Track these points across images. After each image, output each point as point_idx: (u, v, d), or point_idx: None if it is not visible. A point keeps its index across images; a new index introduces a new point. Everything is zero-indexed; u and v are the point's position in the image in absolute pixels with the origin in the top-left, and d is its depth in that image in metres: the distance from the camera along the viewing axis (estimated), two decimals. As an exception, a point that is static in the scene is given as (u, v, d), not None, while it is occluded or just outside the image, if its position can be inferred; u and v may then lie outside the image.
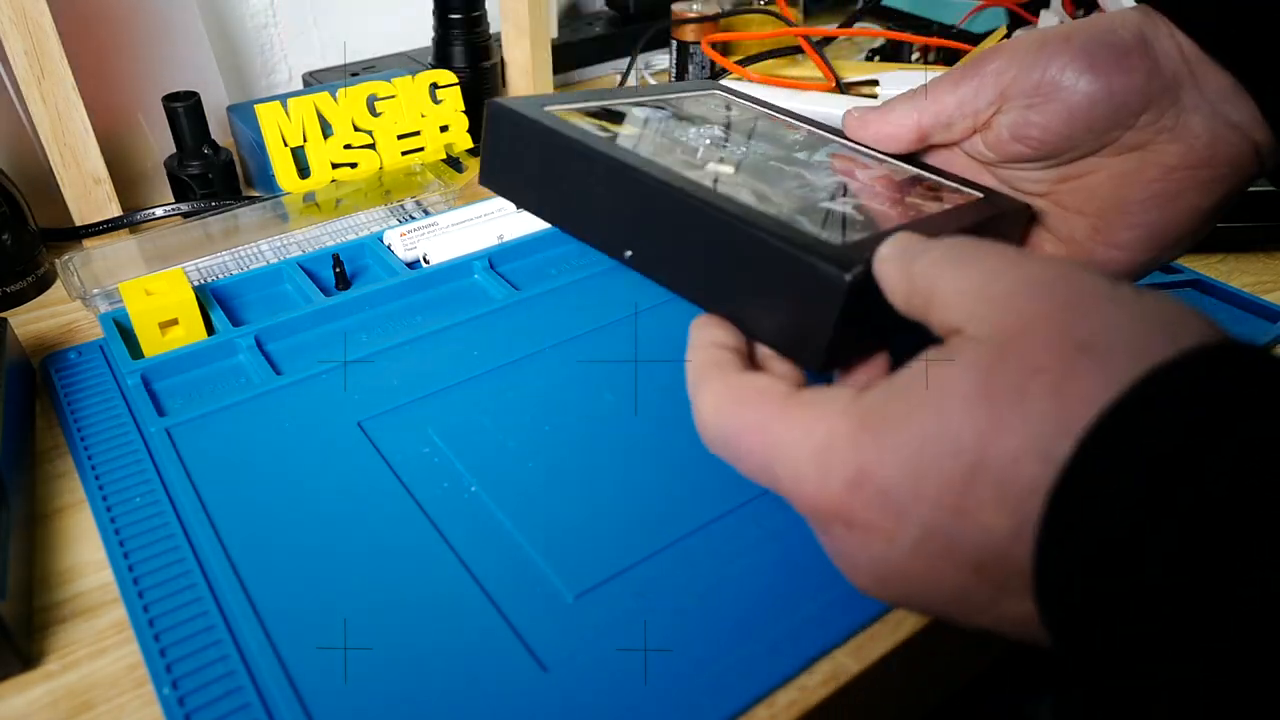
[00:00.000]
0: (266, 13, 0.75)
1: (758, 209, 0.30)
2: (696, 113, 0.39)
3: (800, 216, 0.30)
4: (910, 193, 0.35)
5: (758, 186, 0.33)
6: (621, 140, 0.34)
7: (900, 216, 0.33)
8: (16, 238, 0.51)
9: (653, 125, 0.37)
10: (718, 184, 0.32)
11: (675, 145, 0.35)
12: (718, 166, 0.34)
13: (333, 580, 0.33)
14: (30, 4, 0.49)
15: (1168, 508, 0.18)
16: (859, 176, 0.36)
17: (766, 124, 0.40)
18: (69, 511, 0.38)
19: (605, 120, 0.36)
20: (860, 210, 0.33)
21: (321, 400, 0.42)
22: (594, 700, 0.29)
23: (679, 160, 0.33)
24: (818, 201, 0.33)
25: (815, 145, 0.38)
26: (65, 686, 0.31)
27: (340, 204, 0.59)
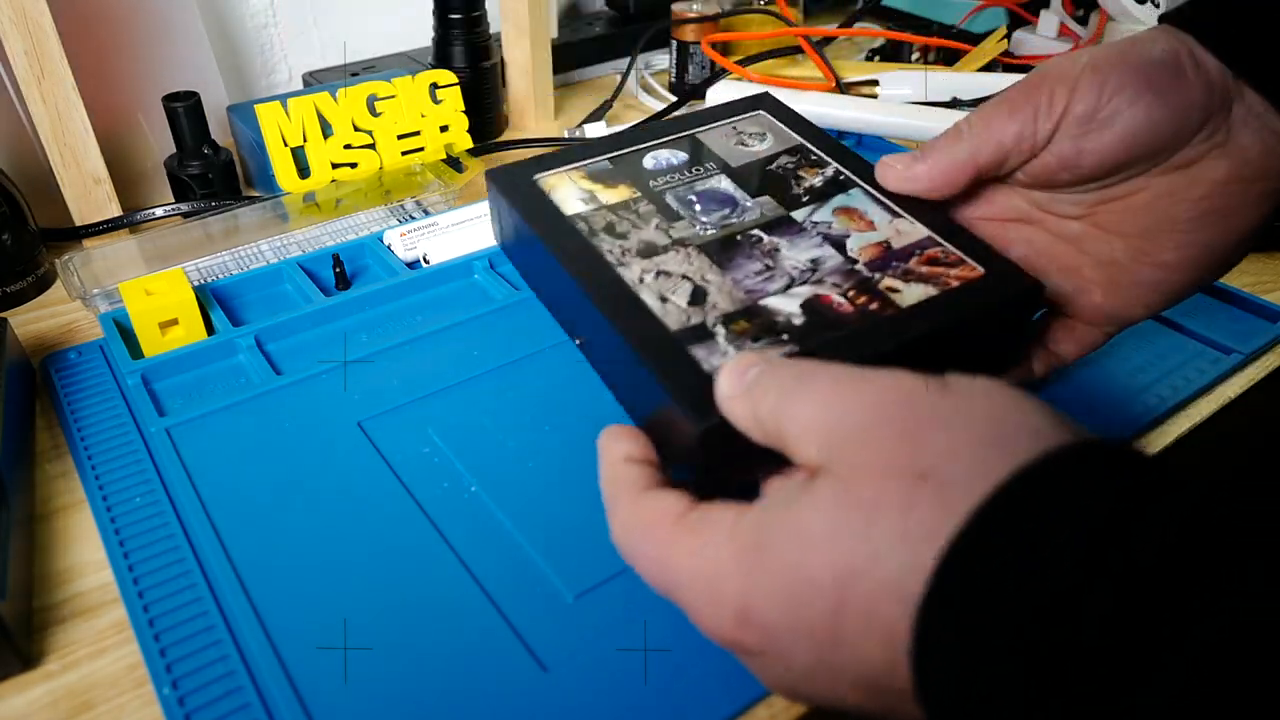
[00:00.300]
0: (266, 13, 0.75)
1: (653, 324, 0.32)
2: (716, 151, 0.40)
3: (720, 329, 0.32)
4: (897, 269, 0.34)
5: (706, 276, 0.34)
6: (592, 216, 0.36)
7: (856, 313, 0.32)
8: (16, 238, 0.51)
9: (645, 187, 0.38)
10: (644, 282, 0.34)
11: (653, 217, 0.37)
12: (669, 255, 0.35)
13: (333, 580, 0.33)
14: (30, 4, 0.49)
15: (1017, 634, 0.19)
16: (850, 247, 0.35)
17: (782, 167, 0.39)
18: (69, 511, 0.38)
19: (600, 183, 0.38)
20: (810, 307, 0.32)
21: (321, 400, 0.42)
22: (594, 700, 0.29)
23: (641, 241, 0.35)
24: (764, 296, 0.33)
25: (827, 194, 0.38)
26: (65, 686, 0.31)
27: (340, 204, 0.59)
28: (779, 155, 0.40)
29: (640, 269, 0.34)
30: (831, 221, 0.36)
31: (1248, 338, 0.45)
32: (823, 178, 0.39)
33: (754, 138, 0.41)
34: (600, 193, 0.38)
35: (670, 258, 0.35)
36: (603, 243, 0.35)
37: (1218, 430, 0.43)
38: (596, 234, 0.36)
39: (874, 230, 0.36)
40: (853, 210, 0.37)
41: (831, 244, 0.35)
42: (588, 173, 0.39)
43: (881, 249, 0.35)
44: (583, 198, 0.37)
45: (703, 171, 0.39)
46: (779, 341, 0.31)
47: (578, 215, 0.36)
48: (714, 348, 0.31)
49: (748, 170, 0.39)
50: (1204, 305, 0.49)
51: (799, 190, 0.38)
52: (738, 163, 0.39)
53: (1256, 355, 0.45)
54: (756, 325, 0.32)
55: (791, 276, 0.34)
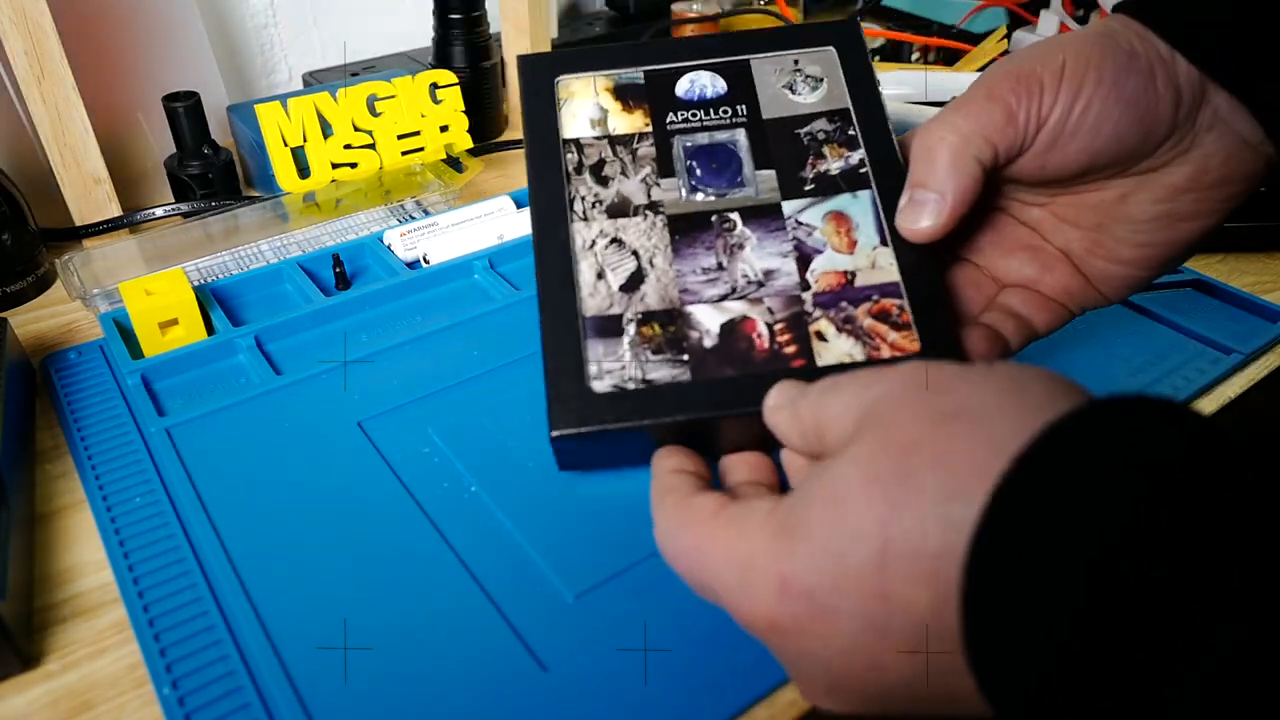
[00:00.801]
0: (266, 13, 0.75)
1: (570, 303, 0.32)
2: (758, 90, 0.36)
3: (631, 328, 0.32)
4: (841, 311, 0.32)
5: (654, 260, 0.33)
6: (589, 147, 0.35)
7: (765, 355, 0.32)
8: (16, 238, 0.51)
9: (660, 122, 0.36)
10: (593, 248, 0.34)
11: (646, 165, 0.35)
12: (635, 220, 0.34)
13: (333, 580, 0.33)
14: (30, 4, 0.49)
15: (1088, 558, 0.19)
16: (813, 268, 0.33)
17: (810, 136, 0.36)
18: (69, 511, 0.38)
19: (620, 101, 0.36)
20: (728, 331, 0.32)
21: (321, 400, 0.42)
22: (594, 700, 0.29)
23: (618, 195, 0.35)
24: (695, 302, 0.33)
25: (832, 189, 0.35)
26: (65, 686, 0.31)
27: (340, 204, 0.59)
28: (817, 118, 0.36)
29: (598, 230, 0.34)
30: (816, 227, 0.34)
31: (1248, 338, 0.45)
32: (843, 164, 0.35)
33: (807, 83, 0.37)
34: (613, 115, 0.36)
35: (634, 225, 0.34)
36: (579, 188, 0.35)
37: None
38: (581, 172, 0.35)
39: (849, 254, 0.34)
40: (844, 221, 0.34)
41: (798, 257, 0.34)
42: (615, 84, 0.36)
43: (842, 280, 0.33)
44: (594, 117, 0.36)
45: (727, 117, 0.36)
46: (673, 363, 0.32)
47: (574, 141, 0.35)
48: (613, 349, 0.32)
49: (773, 130, 0.36)
50: (1204, 305, 0.49)
51: (809, 173, 0.35)
52: (770, 113, 0.36)
53: (1256, 355, 0.45)
54: (666, 335, 0.32)
55: (734, 286, 0.33)
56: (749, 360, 0.32)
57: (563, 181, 0.35)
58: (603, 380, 0.32)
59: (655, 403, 0.32)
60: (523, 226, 0.54)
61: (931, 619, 0.21)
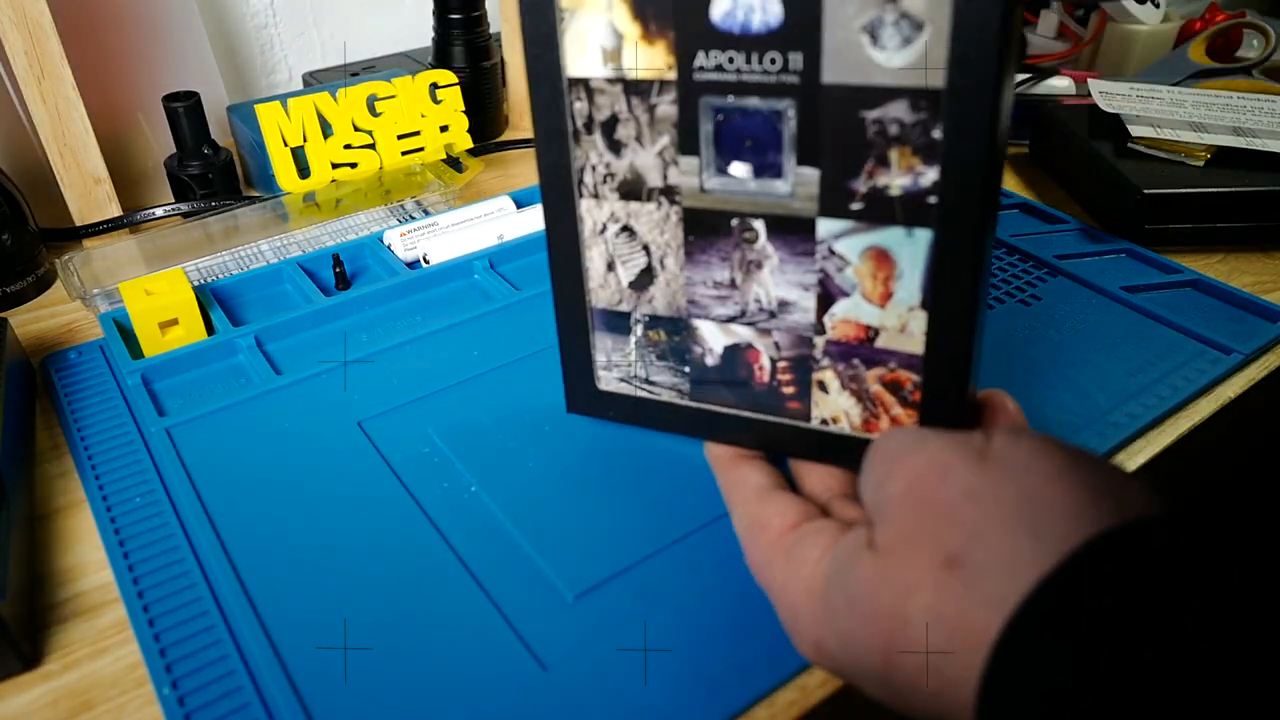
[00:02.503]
0: (266, 13, 0.75)
1: (579, 291, 0.32)
2: (825, 32, 0.26)
3: (639, 329, 0.31)
4: (851, 367, 0.30)
5: (666, 261, 0.30)
6: (601, 93, 0.29)
7: (764, 388, 0.30)
8: (16, 238, 0.51)
9: (687, 64, 0.28)
10: (604, 233, 0.30)
11: (666, 133, 0.29)
12: (649, 207, 0.30)
13: (333, 580, 0.33)
14: (30, 4, 0.49)
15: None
16: (832, 311, 0.29)
17: (879, 125, 0.26)
18: (69, 511, 0.38)
19: (642, 22, 0.28)
20: (731, 356, 0.30)
21: (321, 400, 0.42)
22: (594, 700, 0.29)
23: (631, 169, 0.29)
24: (703, 317, 0.30)
25: (884, 219, 0.27)
26: (65, 686, 0.31)
27: (340, 204, 0.59)
28: (897, 97, 0.25)
29: (609, 213, 0.30)
30: (851, 263, 0.28)
31: (1248, 338, 0.45)
32: (909, 182, 0.26)
33: (896, 32, 0.25)
34: (630, 45, 0.28)
35: (646, 214, 0.30)
36: (589, 153, 0.30)
37: (1218, 430, 0.43)
38: (592, 130, 0.29)
39: (879, 307, 0.28)
40: (886, 263, 0.28)
41: (820, 294, 0.29)
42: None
43: (861, 335, 0.29)
44: (606, 45, 0.28)
45: (775, 70, 0.26)
46: (675, 371, 0.32)
47: (583, 83, 0.29)
48: (621, 345, 0.32)
49: (832, 103, 0.26)
50: (1204, 305, 0.49)
51: (861, 184, 0.27)
52: (834, 75, 0.26)
53: (1256, 355, 0.45)
54: (671, 344, 0.31)
55: (744, 310, 0.30)
56: (747, 389, 0.31)
57: (569, 143, 0.30)
58: (611, 372, 0.33)
59: (655, 413, 0.33)
60: (523, 226, 0.54)
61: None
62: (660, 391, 0.33)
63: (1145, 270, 0.52)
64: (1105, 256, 0.53)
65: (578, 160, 0.30)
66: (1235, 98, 0.59)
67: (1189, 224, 0.53)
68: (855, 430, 0.31)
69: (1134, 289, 0.49)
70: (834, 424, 0.31)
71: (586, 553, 0.34)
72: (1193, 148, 0.55)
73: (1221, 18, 0.73)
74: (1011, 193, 0.60)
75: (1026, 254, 0.53)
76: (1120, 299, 0.48)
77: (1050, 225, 0.57)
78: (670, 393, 0.33)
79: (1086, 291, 0.50)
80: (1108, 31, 0.74)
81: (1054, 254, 0.53)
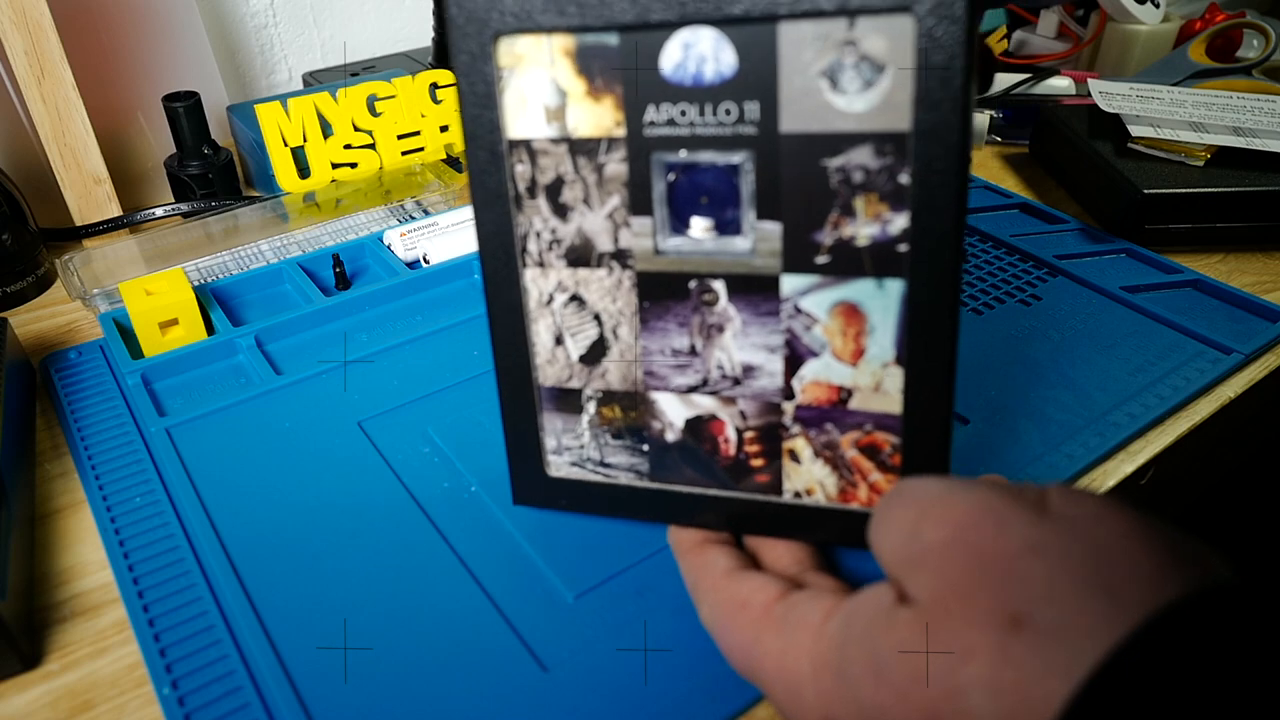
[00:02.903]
0: (266, 13, 0.75)
1: (525, 368, 0.29)
2: (781, 82, 0.25)
3: (591, 406, 0.28)
4: (824, 433, 0.27)
5: (619, 330, 0.28)
6: (544, 154, 0.27)
7: (728, 464, 0.28)
8: (16, 238, 0.51)
9: (637, 117, 0.26)
10: (551, 304, 0.28)
11: (616, 193, 0.27)
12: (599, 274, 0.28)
13: (333, 580, 0.33)
14: (30, 4, 0.49)
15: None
16: (801, 374, 0.27)
17: (843, 174, 0.25)
18: (69, 511, 0.38)
19: (585, 78, 0.26)
20: (693, 430, 0.28)
21: (321, 400, 0.42)
22: (594, 700, 0.29)
23: (579, 234, 0.27)
24: (662, 389, 0.28)
25: (851, 271, 0.26)
26: (65, 686, 0.31)
27: (340, 204, 0.59)
28: (859, 143, 0.24)
29: (556, 282, 0.28)
30: (818, 320, 0.26)
31: (1248, 338, 0.45)
32: (877, 231, 0.25)
33: (857, 75, 0.24)
34: (575, 102, 0.26)
35: (597, 281, 0.28)
36: (532, 219, 0.28)
37: (1218, 430, 0.43)
38: (535, 195, 0.27)
39: (850, 366, 0.27)
40: (856, 318, 0.26)
41: (787, 355, 0.27)
42: (579, 47, 0.26)
43: (833, 397, 0.27)
44: (550, 104, 0.26)
45: (730, 121, 0.25)
46: (632, 451, 0.29)
47: (524, 144, 0.27)
48: (572, 426, 0.29)
49: (792, 153, 0.25)
50: (1204, 305, 0.49)
51: (826, 237, 0.26)
52: (792, 123, 0.25)
53: (1256, 355, 0.45)
54: (627, 421, 0.29)
55: (706, 378, 0.28)
56: (711, 466, 0.29)
57: (510, 209, 0.28)
58: (561, 456, 0.30)
59: (612, 498, 0.31)
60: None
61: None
62: (617, 474, 0.31)
63: (1145, 270, 0.52)
64: (1105, 256, 0.53)
65: (520, 227, 0.28)
66: (1235, 98, 0.59)
67: (1189, 224, 0.53)
68: (831, 501, 0.28)
69: (1134, 289, 0.50)
70: (808, 496, 0.29)
71: (586, 553, 0.34)
72: (1193, 148, 0.55)
73: (1221, 18, 0.73)
74: (1011, 193, 0.60)
75: (1026, 254, 0.53)
76: (1120, 299, 0.48)
77: (1050, 225, 0.57)
78: (628, 475, 0.31)
79: (1086, 291, 0.50)
80: (1108, 31, 0.74)
81: (1054, 254, 0.53)
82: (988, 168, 0.66)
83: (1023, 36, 0.81)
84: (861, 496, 0.27)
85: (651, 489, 0.30)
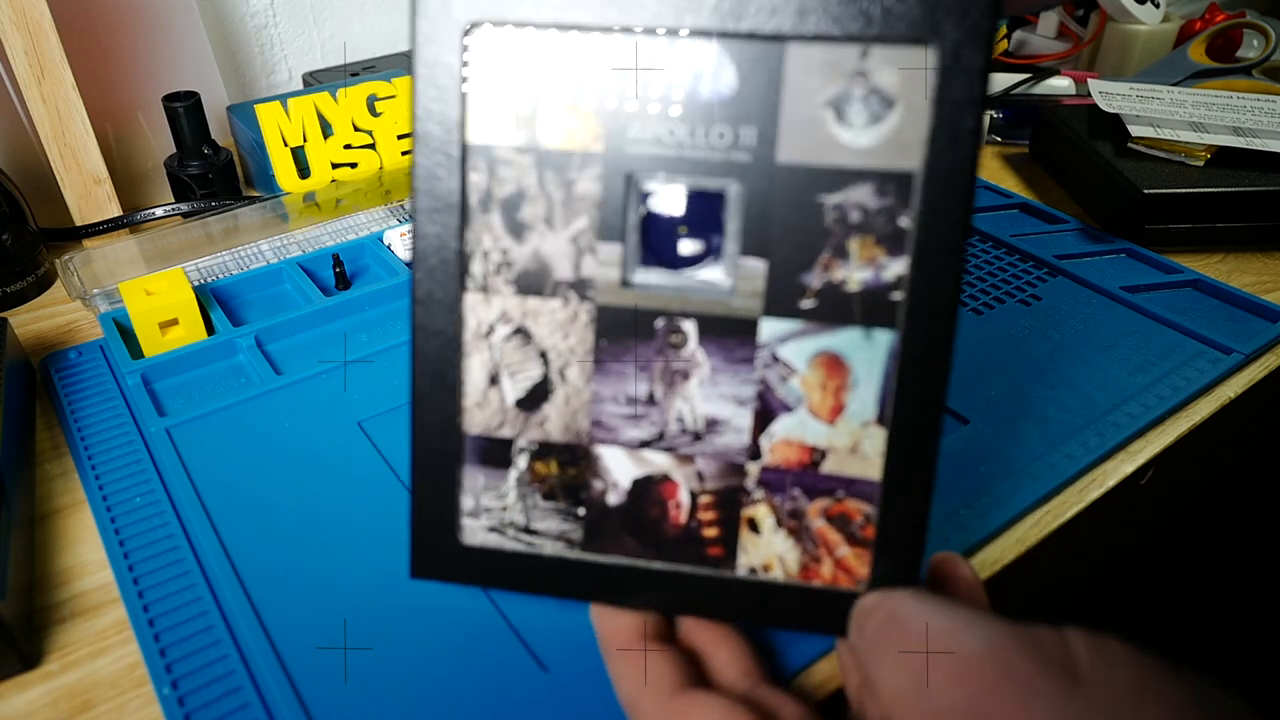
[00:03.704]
0: (266, 13, 0.75)
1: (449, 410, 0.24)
2: (784, 106, 0.23)
3: (522, 460, 0.24)
4: (789, 500, 0.25)
5: (567, 372, 0.25)
6: (505, 164, 0.24)
7: (677, 535, 0.25)
8: (16, 238, 0.51)
9: (618, 129, 0.24)
10: (489, 336, 0.24)
11: (584, 213, 0.24)
12: (553, 305, 0.24)
13: (333, 580, 0.33)
14: (30, 4, 0.49)
15: None
16: (771, 431, 0.25)
17: (839, 211, 0.23)
18: (69, 511, 0.38)
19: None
20: (639, 492, 0.25)
21: (321, 400, 0.42)
22: (594, 700, 0.29)
23: (534, 258, 0.24)
24: (608, 442, 0.25)
25: (838, 319, 0.24)
26: (65, 686, 0.31)
27: (340, 204, 0.59)
28: (862, 180, 0.23)
29: (500, 311, 0.25)
30: (797, 371, 0.24)
31: (1248, 338, 0.45)
32: (870, 276, 0.23)
33: (865, 108, 0.23)
34: (551, 109, 0.24)
35: (548, 312, 0.24)
36: (482, 235, 0.24)
37: (1218, 430, 0.43)
38: (489, 208, 0.24)
39: (827, 424, 0.24)
40: (838, 371, 0.24)
41: (758, 409, 0.25)
42: (562, 47, 0.23)
43: (805, 458, 0.25)
44: (521, 110, 0.24)
45: (724, 144, 0.23)
46: (565, 515, 0.25)
47: (484, 151, 0.24)
48: (496, 483, 0.25)
49: (788, 186, 0.23)
50: (1204, 305, 0.49)
51: (814, 279, 0.24)
52: (791, 153, 0.23)
53: (1256, 355, 0.45)
54: (563, 478, 0.25)
55: (663, 432, 0.25)
56: (656, 535, 0.25)
57: (458, 222, 0.24)
58: (478, 519, 0.26)
59: (534, 573, 0.26)
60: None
61: None
62: (542, 543, 0.26)
63: (1145, 270, 0.52)
64: (1105, 256, 0.53)
65: (467, 243, 0.24)
66: (1235, 98, 0.59)
67: (1189, 224, 0.53)
68: (790, 579, 0.25)
69: (1134, 289, 0.50)
70: (764, 572, 0.25)
71: (586, 553, 0.34)
72: (1193, 148, 0.55)
73: (1221, 18, 0.73)
74: (1011, 193, 0.60)
75: (1026, 254, 0.53)
76: (1120, 299, 0.48)
77: (1050, 225, 0.57)
78: (556, 544, 0.26)
79: (1086, 291, 0.50)
80: (1108, 31, 0.74)
81: (1054, 254, 0.53)
82: (988, 168, 0.66)
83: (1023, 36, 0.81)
84: (825, 574, 0.25)
85: (583, 561, 0.26)
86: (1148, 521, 0.46)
